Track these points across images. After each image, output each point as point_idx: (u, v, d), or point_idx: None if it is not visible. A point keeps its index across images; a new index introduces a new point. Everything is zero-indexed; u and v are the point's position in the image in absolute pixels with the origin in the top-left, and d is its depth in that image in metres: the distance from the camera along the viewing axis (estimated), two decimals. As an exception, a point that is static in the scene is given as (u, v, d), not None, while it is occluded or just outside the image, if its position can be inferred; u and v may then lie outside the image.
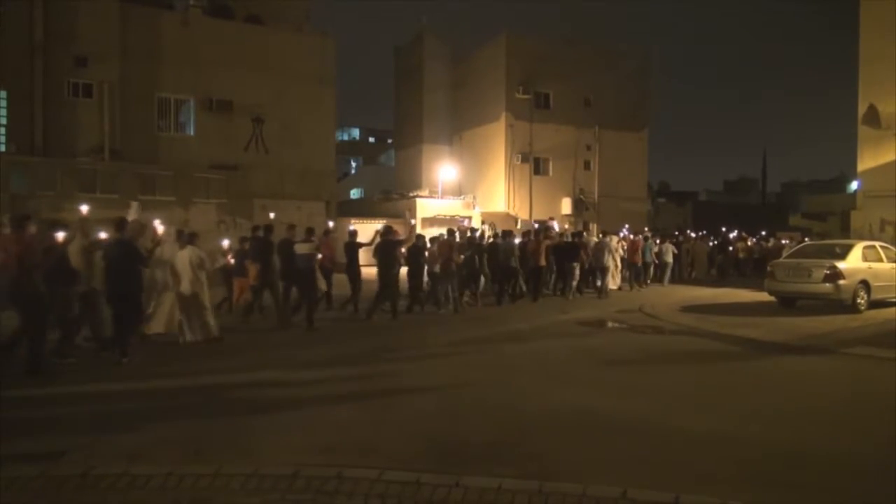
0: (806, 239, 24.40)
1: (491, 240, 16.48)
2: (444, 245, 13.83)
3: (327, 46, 27.42)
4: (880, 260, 14.08)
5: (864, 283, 13.46)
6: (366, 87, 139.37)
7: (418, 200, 29.06)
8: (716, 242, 26.34)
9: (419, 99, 35.99)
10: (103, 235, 9.12)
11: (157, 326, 10.09)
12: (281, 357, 8.94)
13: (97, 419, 5.89)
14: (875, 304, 13.63)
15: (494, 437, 5.41)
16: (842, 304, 13.26)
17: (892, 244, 15.85)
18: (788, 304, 14.36)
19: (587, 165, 33.87)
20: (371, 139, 70.13)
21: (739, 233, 28.10)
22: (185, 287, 9.72)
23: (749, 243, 26.60)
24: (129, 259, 8.40)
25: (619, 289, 18.66)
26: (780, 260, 15.64)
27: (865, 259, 13.84)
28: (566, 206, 32.87)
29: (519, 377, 7.83)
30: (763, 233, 30.44)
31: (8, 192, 19.51)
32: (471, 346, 9.98)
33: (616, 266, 18.64)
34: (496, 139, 32.73)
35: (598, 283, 17.47)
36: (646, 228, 25.96)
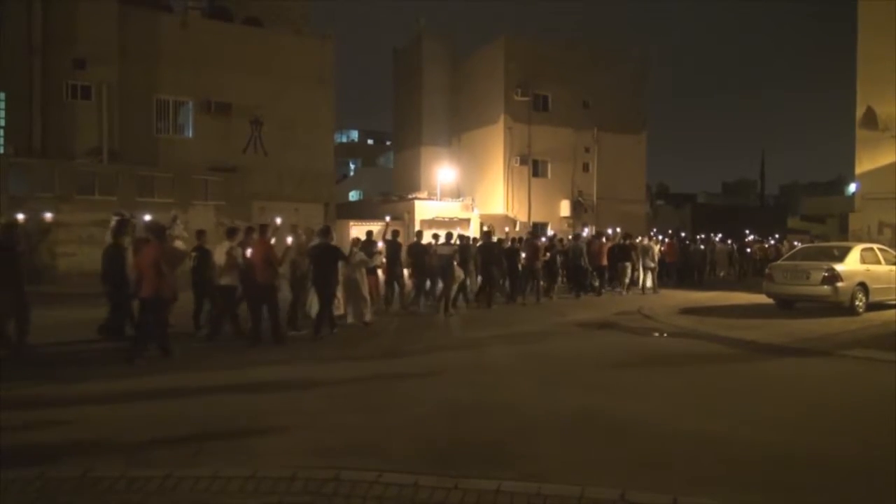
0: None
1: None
2: (530, 247, 16.22)
3: (326, 48, 27.45)
4: (878, 262, 14.07)
5: (863, 286, 13.44)
6: (365, 89, 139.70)
7: (417, 202, 29.06)
8: (734, 245, 27.66)
9: (418, 101, 36.01)
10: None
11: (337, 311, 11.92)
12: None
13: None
14: (873, 307, 13.61)
15: (492, 439, 5.40)
16: (840, 307, 13.24)
17: (890, 246, 15.85)
18: (786, 306, 14.35)
19: (586, 167, 33.89)
20: (370, 141, 70.25)
21: (755, 236, 29.61)
22: (351, 279, 11.74)
23: (766, 246, 28.15)
24: (333, 258, 10.64)
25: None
26: (779, 262, 15.62)
27: (863, 261, 13.84)
28: (565, 208, 32.89)
29: (517, 379, 7.84)
30: (777, 235, 31.92)
31: (6, 193, 19.51)
32: (471, 347, 9.98)
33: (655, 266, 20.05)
34: (495, 141, 32.74)
35: (647, 282, 19.11)
36: (670, 231, 26.62)
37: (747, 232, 30.00)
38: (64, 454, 4.91)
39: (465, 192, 33.18)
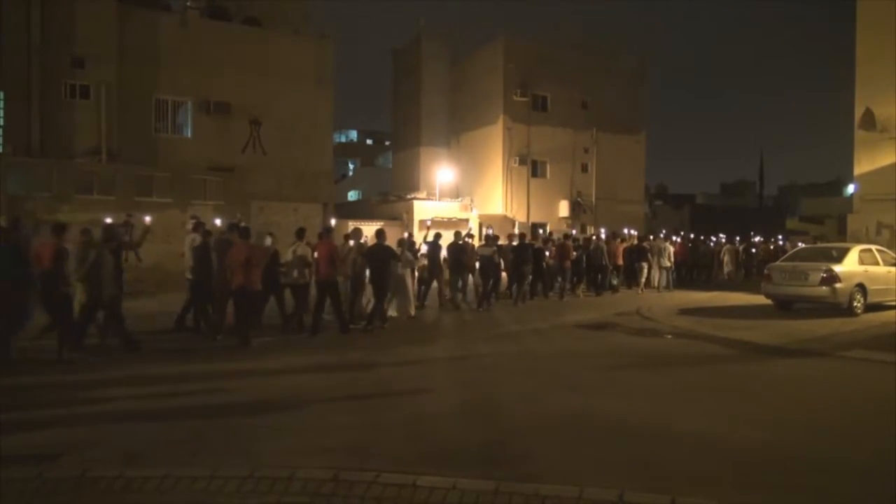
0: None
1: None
2: (561, 248, 17.56)
3: (325, 48, 27.41)
4: (877, 263, 14.09)
5: (861, 287, 13.46)
6: (364, 89, 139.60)
7: (416, 202, 29.04)
8: (741, 246, 28.28)
9: (417, 101, 35.98)
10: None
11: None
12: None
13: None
14: (871, 308, 13.64)
15: (491, 440, 5.40)
16: (838, 308, 13.26)
17: (888, 247, 15.86)
18: (785, 307, 14.37)
19: (585, 168, 33.89)
20: (369, 141, 70.15)
21: (760, 237, 30.42)
22: (399, 277, 12.68)
23: (771, 247, 28.83)
24: (387, 258, 11.60)
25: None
26: (777, 263, 15.61)
27: (862, 262, 13.85)
28: (563, 208, 32.89)
29: (515, 379, 7.84)
30: (780, 236, 32.61)
31: (5, 193, 19.48)
32: (469, 347, 9.98)
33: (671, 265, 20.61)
34: (494, 141, 32.73)
35: (662, 281, 19.77)
36: (681, 232, 26.89)
37: (752, 233, 30.33)
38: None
39: (464, 193, 33.15)
